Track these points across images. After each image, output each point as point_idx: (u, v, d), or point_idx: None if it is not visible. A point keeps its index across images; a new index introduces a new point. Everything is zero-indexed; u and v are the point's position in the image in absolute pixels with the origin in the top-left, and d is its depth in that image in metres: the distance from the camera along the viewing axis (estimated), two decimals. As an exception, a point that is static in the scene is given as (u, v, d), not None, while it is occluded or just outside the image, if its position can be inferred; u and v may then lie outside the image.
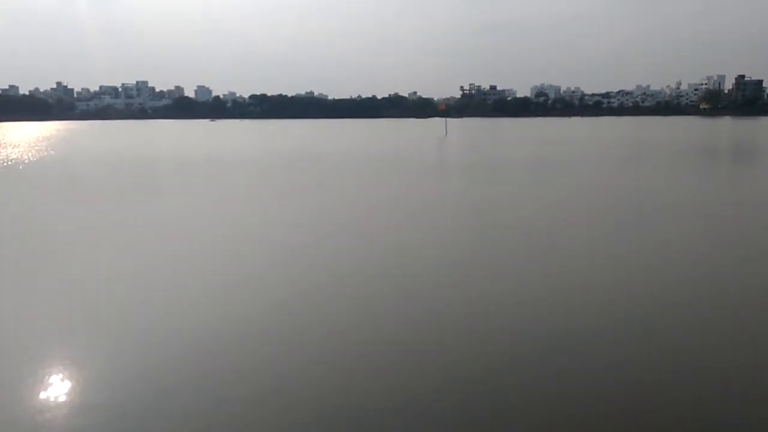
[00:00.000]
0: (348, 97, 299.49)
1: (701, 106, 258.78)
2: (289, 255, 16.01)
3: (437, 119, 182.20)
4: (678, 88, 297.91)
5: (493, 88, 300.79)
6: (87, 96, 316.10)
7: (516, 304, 11.70)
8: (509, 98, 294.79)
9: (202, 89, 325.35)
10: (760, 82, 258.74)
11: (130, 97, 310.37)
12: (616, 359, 9.17)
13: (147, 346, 9.81)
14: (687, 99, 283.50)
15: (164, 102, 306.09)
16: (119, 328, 10.61)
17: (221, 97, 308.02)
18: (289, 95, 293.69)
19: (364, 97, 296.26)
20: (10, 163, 48.07)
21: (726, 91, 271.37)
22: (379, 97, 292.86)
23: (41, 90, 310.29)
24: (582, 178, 33.94)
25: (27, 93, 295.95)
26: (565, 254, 15.75)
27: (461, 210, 24.03)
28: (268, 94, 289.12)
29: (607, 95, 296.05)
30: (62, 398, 8.10)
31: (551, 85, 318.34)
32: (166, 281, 13.69)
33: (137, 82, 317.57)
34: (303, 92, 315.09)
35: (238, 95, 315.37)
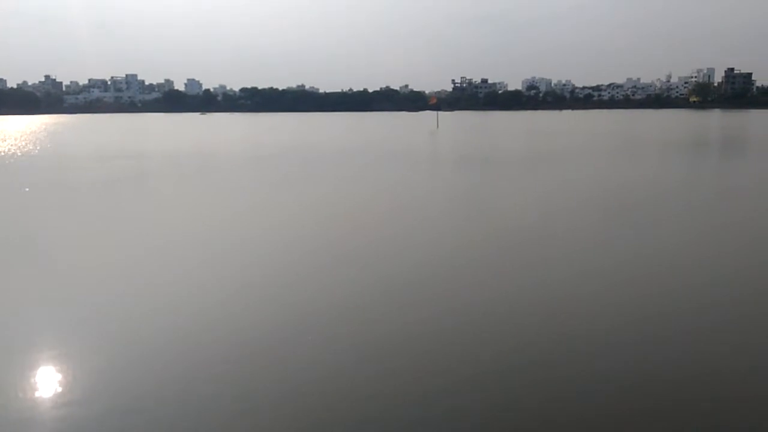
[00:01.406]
0: (339, 90, 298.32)
1: (691, 99, 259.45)
2: (282, 251, 15.95)
3: (429, 112, 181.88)
4: (668, 81, 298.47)
5: (484, 81, 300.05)
6: (76, 89, 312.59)
7: (513, 304, 11.71)
8: (500, 91, 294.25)
9: (192, 82, 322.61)
10: (750, 75, 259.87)
11: (119, 90, 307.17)
12: (618, 361, 9.19)
13: (141, 343, 9.75)
14: (677, 92, 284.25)
15: (154, 95, 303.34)
16: (113, 325, 10.54)
17: (212, 90, 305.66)
18: (280, 88, 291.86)
19: (355, 90, 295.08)
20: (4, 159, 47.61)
21: (716, 84, 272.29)
22: (370, 90, 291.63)
23: (29, 83, 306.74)
24: (576, 171, 34.02)
25: (15, 86, 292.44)
26: (563, 251, 15.78)
27: (456, 205, 24.05)
28: (259, 88, 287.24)
29: (597, 88, 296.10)
30: (56, 396, 8.05)
31: (542, 78, 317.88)
32: (161, 279, 13.61)
33: (127, 75, 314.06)
34: (294, 85, 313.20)
35: (228, 88, 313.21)
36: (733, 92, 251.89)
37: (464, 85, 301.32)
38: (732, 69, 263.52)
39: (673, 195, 25.14)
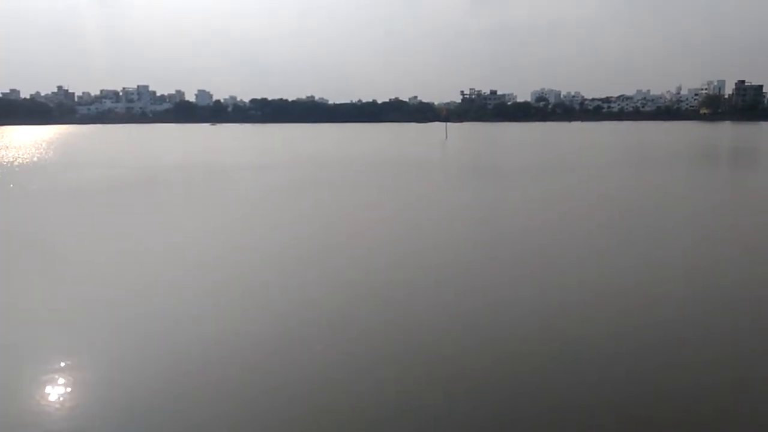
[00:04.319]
0: (349, 101, 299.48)
1: (701, 111, 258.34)
2: (295, 260, 15.98)
3: (437, 124, 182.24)
4: (678, 93, 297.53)
5: (493, 92, 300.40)
6: (88, 100, 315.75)
7: (518, 310, 11.68)
8: (509, 103, 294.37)
9: (202, 93, 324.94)
10: (760, 87, 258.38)
11: (130, 101, 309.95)
12: (617, 365, 9.13)
13: (148, 350, 9.77)
14: (687, 104, 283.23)
15: (165, 106, 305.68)
16: (120, 334, 10.57)
17: (222, 101, 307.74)
18: (290, 99, 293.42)
19: (364, 101, 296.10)
20: (12, 166, 48.07)
21: (726, 96, 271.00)
22: (379, 101, 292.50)
23: (42, 94, 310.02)
24: (584, 183, 33.91)
25: (28, 97, 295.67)
26: (568, 261, 15.72)
27: (464, 214, 24.02)
28: (269, 98, 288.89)
29: (607, 100, 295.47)
30: (62, 400, 8.06)
31: (551, 90, 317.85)
32: (173, 286, 13.65)
33: (138, 86, 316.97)
34: (304, 96, 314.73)
35: (238, 99, 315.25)
36: (744, 104, 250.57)
37: (473, 96, 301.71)
38: (743, 81, 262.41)
39: (680, 206, 25.00)
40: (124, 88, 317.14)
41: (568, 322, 10.65)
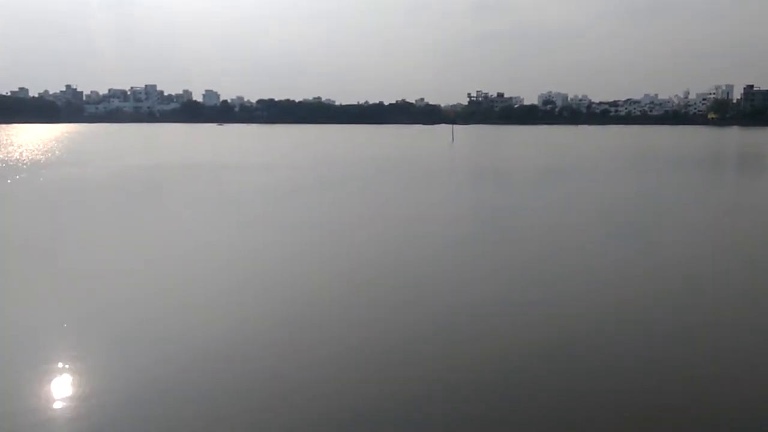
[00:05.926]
0: (355, 102, 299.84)
1: (709, 116, 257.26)
2: (299, 260, 16.01)
3: (444, 126, 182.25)
4: (686, 97, 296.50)
5: (500, 95, 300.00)
6: (96, 99, 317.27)
7: (518, 309, 11.71)
8: (516, 106, 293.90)
9: (210, 93, 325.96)
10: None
11: (138, 100, 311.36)
12: (617, 365, 9.13)
13: (151, 350, 9.80)
14: (695, 108, 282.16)
15: (172, 106, 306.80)
16: (125, 336, 10.60)
17: (229, 101, 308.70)
18: (297, 100, 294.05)
19: (371, 102, 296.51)
20: (22, 164, 48.35)
21: (734, 101, 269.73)
22: (386, 103, 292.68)
23: (50, 92, 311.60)
24: (591, 187, 33.85)
25: (36, 95, 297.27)
26: (569, 262, 15.72)
27: (469, 216, 24.02)
28: (276, 99, 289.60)
29: (614, 104, 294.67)
30: (66, 400, 8.10)
31: (558, 93, 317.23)
32: (174, 284, 13.70)
33: (146, 85, 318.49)
34: (310, 97, 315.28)
35: (245, 100, 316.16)
36: (753, 109, 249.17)
37: (480, 98, 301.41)
38: (751, 86, 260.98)
39: (685, 212, 24.93)
40: (132, 88, 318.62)
41: (571, 324, 10.64)
